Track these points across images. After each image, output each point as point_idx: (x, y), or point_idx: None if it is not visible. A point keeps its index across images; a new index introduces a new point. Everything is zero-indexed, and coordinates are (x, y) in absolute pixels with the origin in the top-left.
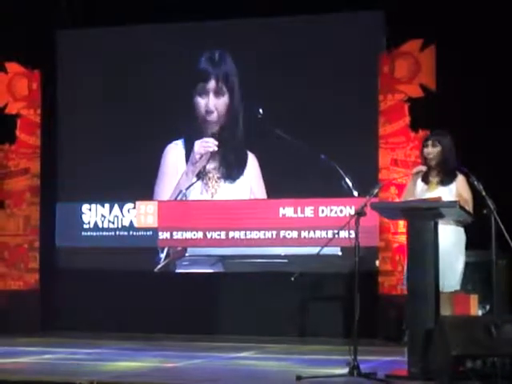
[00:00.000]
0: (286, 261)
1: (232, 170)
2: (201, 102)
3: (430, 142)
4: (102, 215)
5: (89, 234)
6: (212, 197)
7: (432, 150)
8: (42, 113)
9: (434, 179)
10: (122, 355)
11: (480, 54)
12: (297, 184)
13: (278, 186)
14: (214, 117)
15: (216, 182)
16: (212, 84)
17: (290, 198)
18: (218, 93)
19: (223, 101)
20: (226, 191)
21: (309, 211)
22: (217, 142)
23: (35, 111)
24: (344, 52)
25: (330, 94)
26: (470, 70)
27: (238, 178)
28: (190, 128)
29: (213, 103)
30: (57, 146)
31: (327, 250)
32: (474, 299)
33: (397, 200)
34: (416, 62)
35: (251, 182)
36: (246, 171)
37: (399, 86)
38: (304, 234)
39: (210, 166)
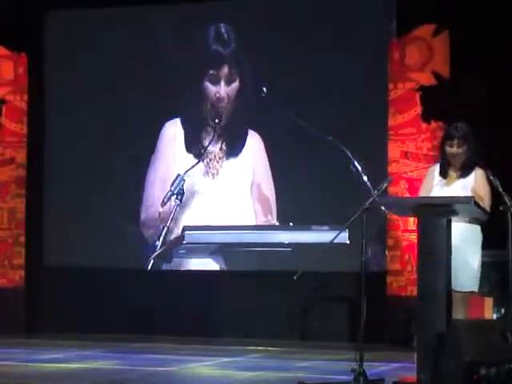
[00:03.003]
0: (289, 249)
1: (234, 148)
2: (211, 88)
3: (455, 142)
4: None
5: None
6: (213, 178)
7: (457, 151)
8: (28, 99)
9: (453, 173)
10: (112, 358)
11: (496, 39)
12: (302, 168)
13: (281, 168)
14: (224, 103)
15: (218, 162)
16: (224, 71)
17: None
18: (229, 80)
19: (234, 86)
20: (227, 171)
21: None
22: (221, 122)
23: (22, 97)
24: (351, 37)
25: (336, 82)
26: (485, 56)
27: (239, 154)
28: (191, 108)
29: (224, 91)
30: (44, 135)
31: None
32: (488, 302)
33: (407, 195)
34: (428, 48)
35: (254, 160)
36: (249, 149)
37: (410, 73)
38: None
39: (212, 146)
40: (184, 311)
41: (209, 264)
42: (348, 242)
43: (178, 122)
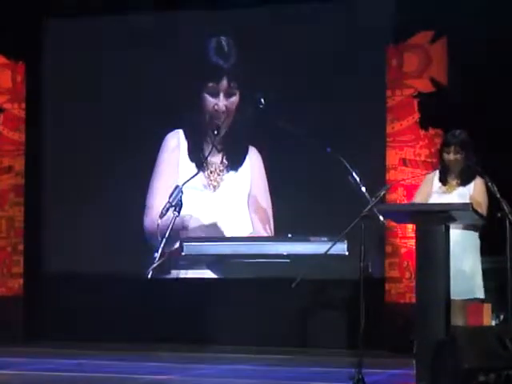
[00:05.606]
0: (288, 260)
1: (234, 161)
2: (210, 100)
3: (452, 149)
4: None
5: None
6: (214, 190)
7: (454, 158)
8: (26, 107)
9: (453, 181)
10: (111, 366)
11: (494, 46)
12: (300, 179)
13: (280, 182)
14: (223, 116)
15: (218, 174)
16: (224, 84)
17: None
18: (229, 94)
19: (234, 100)
20: (228, 184)
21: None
22: (219, 134)
23: (19, 105)
24: (349, 44)
25: (333, 89)
26: (483, 63)
27: (240, 167)
28: (192, 119)
29: (223, 103)
30: (42, 143)
31: (332, 251)
32: (487, 308)
33: (405, 202)
34: (426, 55)
35: (253, 173)
36: (249, 163)
37: (408, 80)
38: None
39: (213, 158)
40: (183, 319)
41: (208, 273)
42: (347, 253)
43: (180, 132)
